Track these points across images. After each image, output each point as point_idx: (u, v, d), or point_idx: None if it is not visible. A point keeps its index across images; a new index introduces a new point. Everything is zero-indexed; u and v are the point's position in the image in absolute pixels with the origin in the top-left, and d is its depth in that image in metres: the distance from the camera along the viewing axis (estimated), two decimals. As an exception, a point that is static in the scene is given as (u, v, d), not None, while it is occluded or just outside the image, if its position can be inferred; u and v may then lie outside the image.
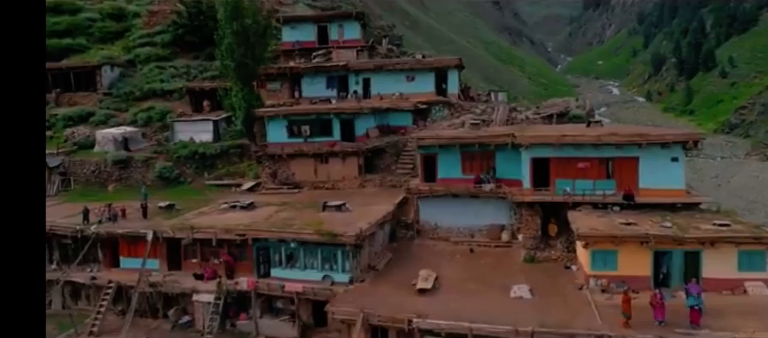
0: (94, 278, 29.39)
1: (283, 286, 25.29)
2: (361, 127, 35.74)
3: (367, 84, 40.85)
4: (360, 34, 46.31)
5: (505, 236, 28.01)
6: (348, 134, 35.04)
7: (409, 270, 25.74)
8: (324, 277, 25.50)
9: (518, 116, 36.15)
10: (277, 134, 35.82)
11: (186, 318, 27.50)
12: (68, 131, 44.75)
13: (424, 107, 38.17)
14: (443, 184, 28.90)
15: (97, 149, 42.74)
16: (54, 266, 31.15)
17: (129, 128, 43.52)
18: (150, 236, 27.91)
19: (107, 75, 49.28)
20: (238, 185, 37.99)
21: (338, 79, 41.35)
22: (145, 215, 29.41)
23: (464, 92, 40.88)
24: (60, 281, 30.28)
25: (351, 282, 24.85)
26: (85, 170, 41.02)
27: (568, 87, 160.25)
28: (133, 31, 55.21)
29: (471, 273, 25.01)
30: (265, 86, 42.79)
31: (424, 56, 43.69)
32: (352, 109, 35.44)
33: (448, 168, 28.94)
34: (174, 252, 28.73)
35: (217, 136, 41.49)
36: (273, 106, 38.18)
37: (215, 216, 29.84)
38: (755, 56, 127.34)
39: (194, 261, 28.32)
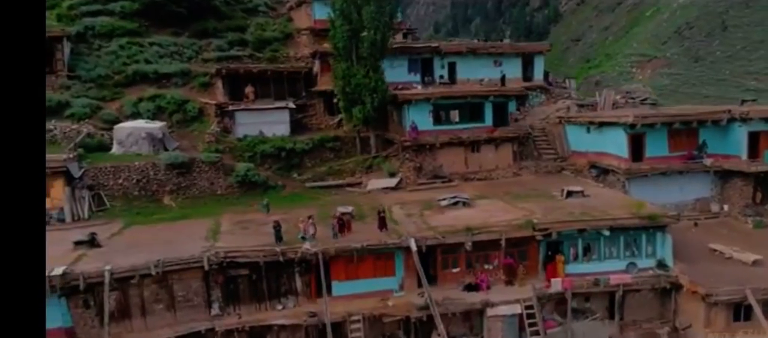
0: (313, 314, 21.53)
1: (608, 280, 22.42)
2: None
3: (452, 68, 37.90)
4: (402, 17, 42.89)
5: (714, 207, 29.43)
6: (500, 118, 32.16)
7: (682, 248, 25.33)
8: (628, 265, 23.38)
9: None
10: (420, 121, 30.89)
11: (464, 342, 22.23)
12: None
13: (527, 93, 37.28)
14: (653, 162, 29.00)
15: (117, 150, 30.99)
16: (216, 310, 21.86)
17: (158, 123, 32.50)
18: (414, 246, 21.70)
19: (65, 53, 35.85)
20: (353, 185, 31.63)
21: (422, 62, 37.45)
22: (382, 225, 22.61)
23: (546, 77, 41.03)
24: (242, 329, 21.56)
25: (660, 265, 23.31)
26: (122, 180, 29.23)
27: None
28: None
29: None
30: (330, 68, 36.33)
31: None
32: (513, 91, 32.63)
33: (656, 146, 29.12)
34: (424, 265, 22.84)
35: (291, 127, 33.85)
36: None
37: (435, 218, 24.67)
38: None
39: (455, 270, 23.02)
